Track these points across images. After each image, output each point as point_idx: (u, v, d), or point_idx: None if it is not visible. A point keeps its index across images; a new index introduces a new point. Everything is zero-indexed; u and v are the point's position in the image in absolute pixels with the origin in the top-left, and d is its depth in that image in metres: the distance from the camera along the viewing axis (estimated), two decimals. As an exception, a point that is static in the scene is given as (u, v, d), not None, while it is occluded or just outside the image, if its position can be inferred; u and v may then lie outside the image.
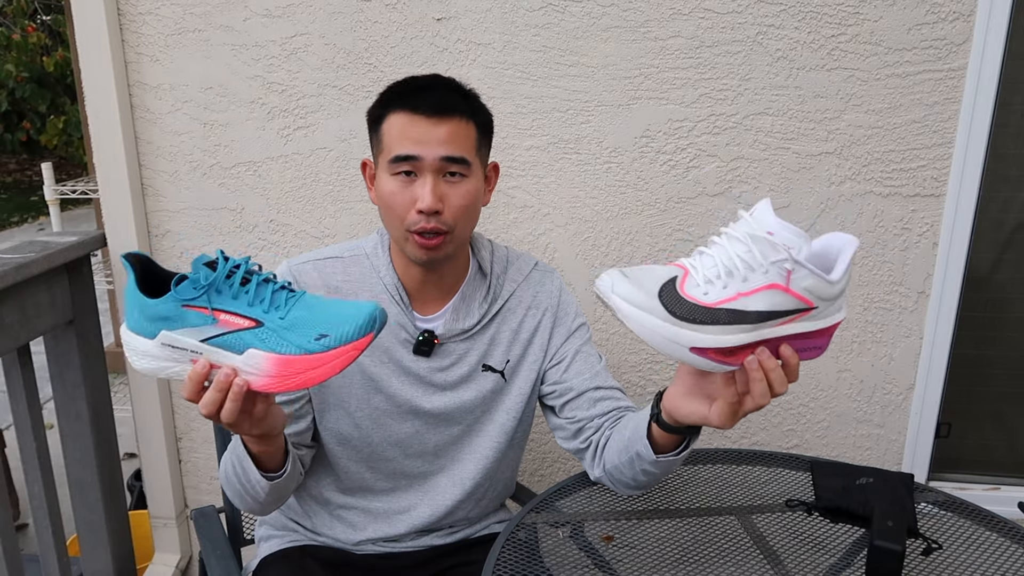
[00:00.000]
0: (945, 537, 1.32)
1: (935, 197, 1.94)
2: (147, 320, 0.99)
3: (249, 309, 0.99)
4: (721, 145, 1.94)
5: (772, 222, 0.97)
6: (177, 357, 1.00)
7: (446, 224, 1.29)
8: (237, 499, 1.30)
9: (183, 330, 0.98)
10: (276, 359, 0.98)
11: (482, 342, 1.43)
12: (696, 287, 0.97)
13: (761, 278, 0.96)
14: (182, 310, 0.98)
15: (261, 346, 0.98)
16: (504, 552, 1.25)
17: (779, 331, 1.00)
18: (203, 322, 0.98)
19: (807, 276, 0.97)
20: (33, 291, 1.84)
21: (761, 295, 0.96)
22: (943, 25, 1.84)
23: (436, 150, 1.27)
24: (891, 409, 2.10)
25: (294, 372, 0.98)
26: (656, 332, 0.95)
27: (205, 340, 0.99)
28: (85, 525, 2.15)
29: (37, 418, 1.90)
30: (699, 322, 0.96)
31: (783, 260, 0.96)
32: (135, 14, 1.96)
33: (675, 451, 1.25)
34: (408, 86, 1.33)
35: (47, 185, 3.09)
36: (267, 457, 1.21)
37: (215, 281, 0.98)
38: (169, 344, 0.99)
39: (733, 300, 0.96)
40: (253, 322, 0.98)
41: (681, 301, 0.96)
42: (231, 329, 0.98)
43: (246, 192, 2.07)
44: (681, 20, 1.87)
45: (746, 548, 1.28)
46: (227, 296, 0.99)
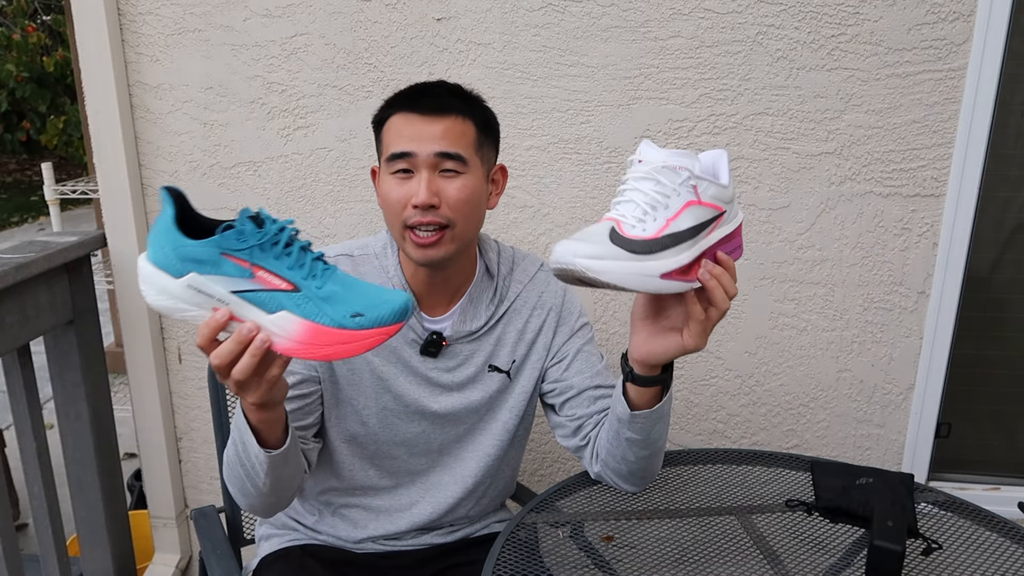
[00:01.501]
0: (945, 537, 1.32)
1: (935, 197, 1.94)
2: (178, 259, 0.96)
3: (289, 272, 0.98)
4: (721, 145, 1.94)
5: (662, 155, 1.09)
6: (199, 302, 0.98)
7: (444, 218, 1.29)
8: (240, 489, 1.26)
9: (215, 277, 0.96)
10: (309, 326, 0.97)
11: (488, 343, 1.44)
12: (632, 228, 1.06)
13: (678, 200, 1.07)
14: (220, 258, 0.96)
15: (295, 311, 0.97)
16: (504, 552, 1.25)
17: (710, 240, 1.11)
18: (239, 274, 0.96)
19: (709, 186, 1.09)
20: (33, 291, 1.84)
21: (685, 213, 1.07)
22: (943, 25, 1.84)
23: (430, 146, 1.28)
24: (891, 409, 2.10)
25: (324, 343, 0.98)
26: (629, 273, 1.03)
27: (236, 292, 0.97)
28: (85, 525, 2.15)
29: (37, 418, 1.90)
30: (653, 251, 1.05)
31: (687, 178, 1.08)
32: (135, 14, 1.97)
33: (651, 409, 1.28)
34: (409, 91, 1.35)
35: (47, 185, 3.08)
36: (267, 428, 1.17)
37: (262, 239, 0.96)
38: (196, 288, 0.97)
39: (667, 226, 1.06)
40: (291, 286, 0.97)
41: (630, 241, 1.04)
42: (266, 287, 0.97)
43: (246, 192, 2.07)
44: (681, 20, 1.87)
45: (746, 548, 1.28)
46: (269, 255, 0.97)
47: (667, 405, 1.29)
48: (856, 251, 1.98)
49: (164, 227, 0.97)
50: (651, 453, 1.34)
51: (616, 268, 1.02)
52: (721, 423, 2.14)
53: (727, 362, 2.09)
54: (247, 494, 1.26)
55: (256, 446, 1.18)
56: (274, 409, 1.15)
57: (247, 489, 1.25)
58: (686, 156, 1.09)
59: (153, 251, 0.98)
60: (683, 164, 1.08)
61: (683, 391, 2.12)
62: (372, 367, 1.39)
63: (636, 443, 1.31)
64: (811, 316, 2.04)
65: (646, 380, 1.25)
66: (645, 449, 1.32)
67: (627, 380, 1.27)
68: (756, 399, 2.11)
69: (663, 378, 1.25)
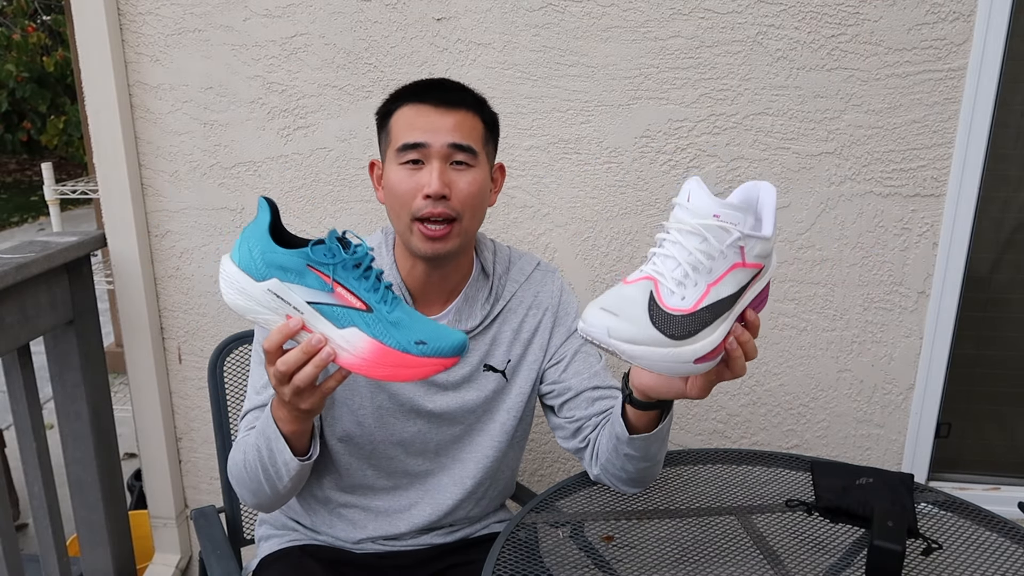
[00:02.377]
0: (945, 537, 1.32)
1: (935, 197, 1.94)
2: (265, 263, 1.02)
3: (365, 293, 1.04)
4: (721, 145, 1.94)
5: (713, 205, 0.98)
6: (275, 308, 1.04)
7: (454, 210, 1.29)
8: (250, 491, 1.30)
9: (296, 286, 1.03)
10: (376, 346, 1.03)
11: (484, 342, 1.43)
12: (671, 295, 0.98)
13: (723, 264, 0.98)
14: (305, 268, 1.02)
15: (366, 329, 1.03)
16: (504, 552, 1.25)
17: (743, 303, 1.04)
18: (321, 287, 1.03)
19: (756, 243, 1.00)
20: (33, 291, 1.84)
21: (728, 278, 0.99)
22: (943, 25, 1.84)
23: (444, 137, 1.28)
24: (891, 409, 2.09)
25: (387, 363, 1.04)
26: (663, 361, 0.96)
27: (312, 303, 1.03)
28: (85, 525, 2.15)
29: (37, 418, 1.90)
30: (691, 333, 0.97)
31: (737, 239, 0.98)
32: (135, 14, 1.96)
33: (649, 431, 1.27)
34: (417, 85, 1.35)
35: (47, 185, 3.08)
36: (297, 438, 1.22)
37: (346, 259, 1.03)
38: (276, 293, 1.03)
39: (707, 295, 0.98)
40: (365, 306, 1.04)
41: (668, 317, 0.97)
42: (342, 304, 1.03)
43: (246, 192, 2.06)
44: (681, 20, 1.87)
45: (746, 548, 1.28)
46: (351, 274, 1.03)
47: (666, 427, 1.28)
48: (856, 251, 1.98)
49: (258, 232, 1.04)
50: (650, 464, 1.34)
51: (652, 356, 0.96)
52: (721, 423, 2.14)
53: (727, 362, 2.07)
54: (259, 495, 1.30)
55: (288, 453, 1.21)
56: (310, 420, 1.20)
57: (262, 491, 1.28)
58: (739, 209, 0.99)
59: (240, 253, 1.04)
60: (735, 221, 0.98)
61: (683, 391, 2.11)
62: None
63: (635, 458, 1.31)
64: (811, 316, 2.04)
65: (646, 405, 1.24)
66: (644, 463, 1.33)
67: (626, 402, 1.26)
68: (756, 399, 2.11)
69: (662, 404, 1.25)
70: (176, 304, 2.16)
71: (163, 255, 2.12)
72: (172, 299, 2.15)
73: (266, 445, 1.22)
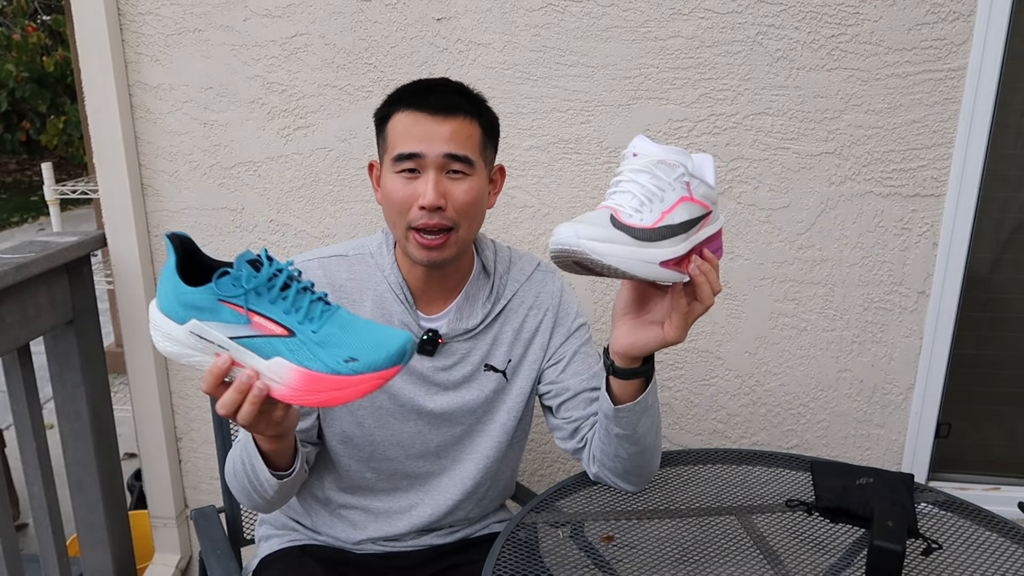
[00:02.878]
0: (945, 537, 1.32)
1: (935, 197, 1.94)
2: (180, 305, 0.98)
3: (284, 317, 0.98)
4: (721, 145, 1.94)
5: (658, 149, 1.13)
6: (202, 348, 0.99)
7: (450, 220, 1.29)
8: (243, 496, 1.31)
9: (214, 323, 0.97)
10: (302, 373, 0.97)
11: (485, 342, 1.43)
12: (630, 216, 1.09)
13: (672, 195, 1.11)
14: (218, 303, 0.97)
15: (289, 357, 0.97)
16: (504, 552, 1.24)
17: (699, 236, 1.15)
18: (236, 320, 0.97)
19: (700, 184, 1.14)
20: (33, 291, 1.84)
21: (679, 208, 1.11)
22: (943, 25, 1.84)
23: (439, 147, 1.27)
24: (891, 409, 2.09)
25: (317, 389, 0.97)
26: (631, 258, 1.06)
27: (234, 338, 0.98)
28: (85, 525, 2.14)
29: (37, 418, 1.90)
30: (653, 239, 1.09)
31: (681, 174, 1.12)
32: (135, 14, 1.96)
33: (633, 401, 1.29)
34: (415, 87, 1.34)
35: (47, 185, 3.08)
36: (277, 455, 1.21)
37: (257, 283, 0.97)
38: (197, 334, 0.98)
39: (662, 218, 1.10)
40: (286, 331, 0.97)
41: (631, 228, 1.08)
42: (262, 333, 0.97)
43: (246, 192, 2.06)
44: (681, 20, 1.87)
45: (746, 548, 1.28)
46: (265, 299, 0.98)
47: (651, 396, 1.29)
48: (856, 251, 1.98)
49: (167, 274, 0.98)
50: (641, 449, 1.34)
51: (619, 252, 1.05)
52: (721, 423, 2.14)
53: (727, 362, 2.09)
54: (252, 501, 1.30)
55: (266, 471, 1.21)
56: (285, 439, 1.17)
57: (253, 498, 1.29)
58: (680, 153, 1.13)
59: (159, 298, 1.00)
60: (678, 160, 1.13)
61: (683, 391, 2.12)
62: None
63: (624, 438, 1.31)
64: (811, 316, 2.03)
65: (627, 372, 1.26)
66: (635, 445, 1.33)
67: (609, 373, 1.28)
68: (756, 399, 2.11)
69: (644, 370, 1.27)
70: None
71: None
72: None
73: (248, 460, 1.23)
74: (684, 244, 1.12)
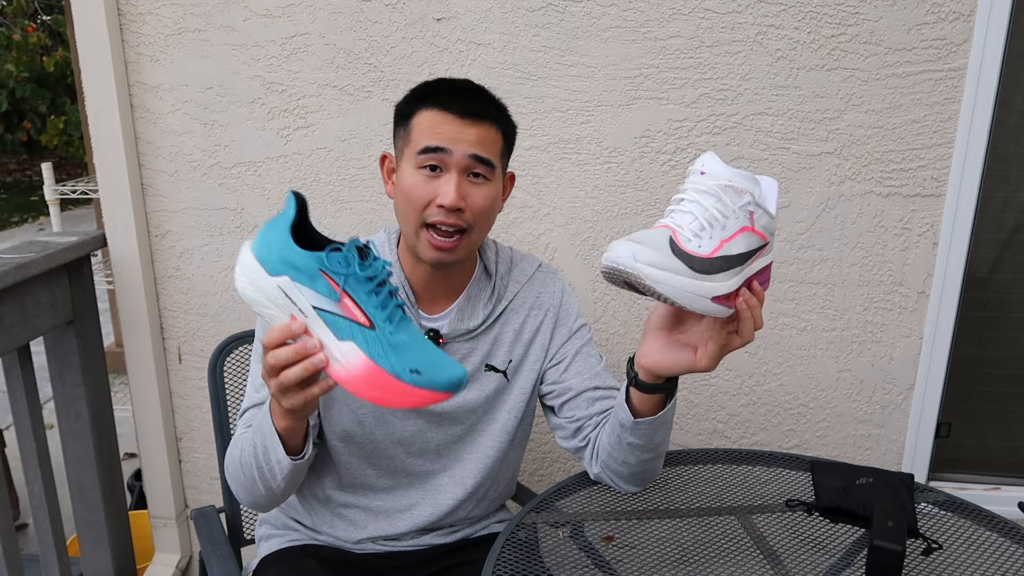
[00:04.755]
0: (945, 537, 1.32)
1: (935, 197, 1.93)
2: (280, 260, 1.01)
3: (372, 309, 1.01)
4: (721, 145, 1.93)
5: (728, 172, 1.08)
6: (282, 305, 1.02)
7: (466, 222, 1.29)
8: (245, 489, 1.29)
9: (305, 289, 1.00)
10: (370, 365, 1.00)
11: (486, 342, 1.43)
12: (689, 242, 1.05)
13: (735, 223, 1.07)
14: (317, 273, 1.00)
15: (363, 346, 1.00)
16: (504, 552, 1.24)
17: (752, 268, 1.11)
18: (329, 294, 1.00)
19: (763, 215, 1.10)
20: (33, 291, 1.84)
21: (738, 238, 1.07)
22: (943, 25, 1.83)
23: (466, 148, 1.28)
24: (891, 409, 2.09)
25: (376, 385, 1.00)
26: (685, 289, 1.03)
27: (318, 309, 1.01)
28: (85, 525, 2.14)
29: (37, 418, 1.90)
30: (709, 272, 1.05)
31: (747, 203, 1.08)
32: (135, 14, 1.96)
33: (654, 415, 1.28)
34: (442, 86, 1.34)
35: (47, 185, 3.08)
36: (291, 436, 1.20)
37: (358, 271, 1.00)
38: (285, 291, 1.01)
39: (721, 247, 1.06)
40: (368, 322, 1.00)
41: (689, 256, 1.04)
42: (346, 315, 1.00)
43: (246, 192, 2.06)
44: (681, 20, 1.87)
45: (746, 548, 1.28)
46: (362, 287, 1.01)
47: (671, 412, 1.29)
48: (856, 251, 1.98)
49: (280, 227, 1.02)
50: (653, 456, 1.35)
51: (675, 282, 1.02)
52: (721, 423, 2.14)
53: (727, 362, 2.08)
54: (254, 493, 1.28)
55: (281, 451, 1.21)
56: (302, 419, 1.18)
57: (256, 489, 1.27)
58: (749, 179, 1.09)
59: (259, 244, 1.02)
60: (747, 187, 1.08)
61: (683, 391, 2.12)
62: None
63: (638, 448, 1.31)
64: (811, 316, 2.03)
65: (651, 387, 1.25)
66: (647, 453, 1.33)
67: (631, 385, 1.27)
68: (756, 399, 2.11)
69: (668, 386, 1.26)
70: (176, 304, 2.15)
71: (163, 255, 2.12)
72: (172, 299, 2.15)
73: (261, 441, 1.22)
74: (737, 278, 1.08)
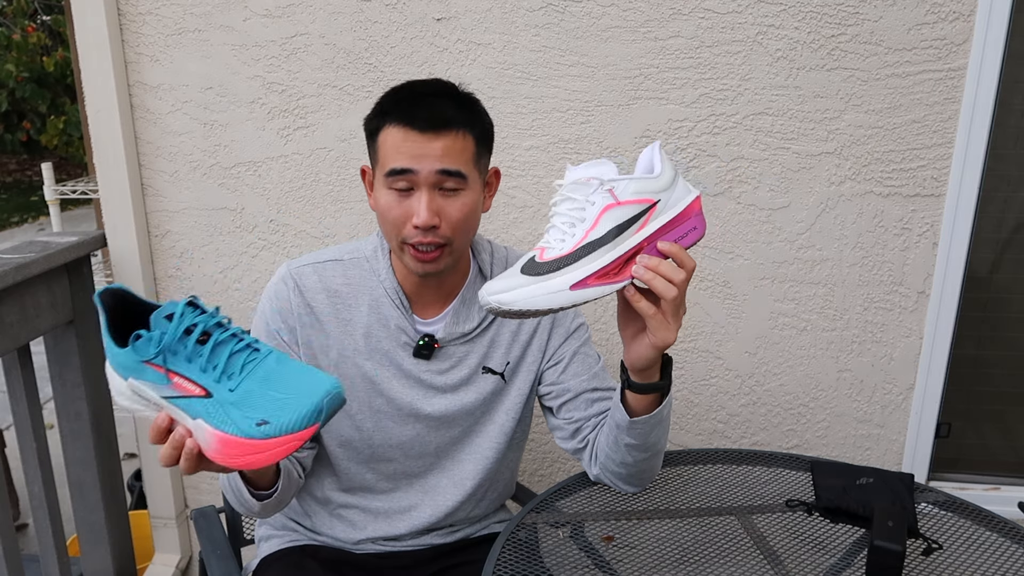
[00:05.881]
0: (945, 537, 1.32)
1: (935, 197, 1.93)
2: (116, 364, 0.96)
3: (201, 375, 0.93)
4: (721, 145, 1.93)
5: (572, 172, 1.10)
6: (145, 404, 0.97)
7: (444, 237, 1.28)
8: (236, 503, 1.30)
9: (145, 383, 0.95)
10: (219, 436, 0.92)
11: (482, 344, 1.43)
12: (553, 250, 1.08)
13: (593, 210, 1.07)
14: (142, 364, 0.94)
15: (207, 419, 0.93)
16: (504, 552, 1.24)
17: (642, 234, 1.10)
18: (159, 380, 0.94)
19: (628, 183, 1.08)
20: (33, 291, 1.84)
21: (602, 220, 1.07)
22: (943, 25, 1.83)
23: (431, 164, 1.24)
24: (891, 409, 2.09)
25: (235, 453, 0.92)
26: (536, 296, 1.05)
27: (165, 397, 0.95)
28: (85, 525, 2.14)
29: (37, 418, 1.90)
30: (563, 267, 1.06)
31: (596, 187, 1.08)
32: (135, 14, 1.96)
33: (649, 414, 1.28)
34: (403, 96, 1.30)
35: (47, 185, 3.08)
36: (256, 477, 1.21)
37: (169, 342, 0.93)
38: (136, 391, 0.96)
39: (585, 238, 1.07)
40: (203, 391, 0.93)
41: (542, 264, 1.07)
42: (184, 394, 0.94)
43: (246, 192, 2.06)
44: (681, 20, 1.87)
45: (746, 548, 1.28)
46: (182, 357, 0.93)
47: (665, 410, 1.29)
48: (856, 251, 1.98)
49: (104, 334, 0.96)
50: (650, 456, 1.34)
51: (524, 294, 1.05)
52: (721, 423, 2.14)
53: (727, 362, 2.08)
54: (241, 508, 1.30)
55: (248, 495, 1.23)
56: None
57: (243, 509, 1.30)
58: (596, 164, 1.10)
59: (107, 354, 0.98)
60: (591, 174, 1.09)
61: (683, 391, 2.12)
62: (363, 371, 1.38)
63: (635, 448, 1.31)
64: (811, 316, 2.03)
65: (643, 387, 1.25)
66: (644, 452, 1.32)
67: (625, 388, 1.27)
68: (756, 399, 2.11)
69: (660, 385, 1.26)
70: None
71: (163, 255, 2.12)
72: (172, 299, 2.12)
73: (232, 480, 1.23)
74: (610, 254, 1.08)
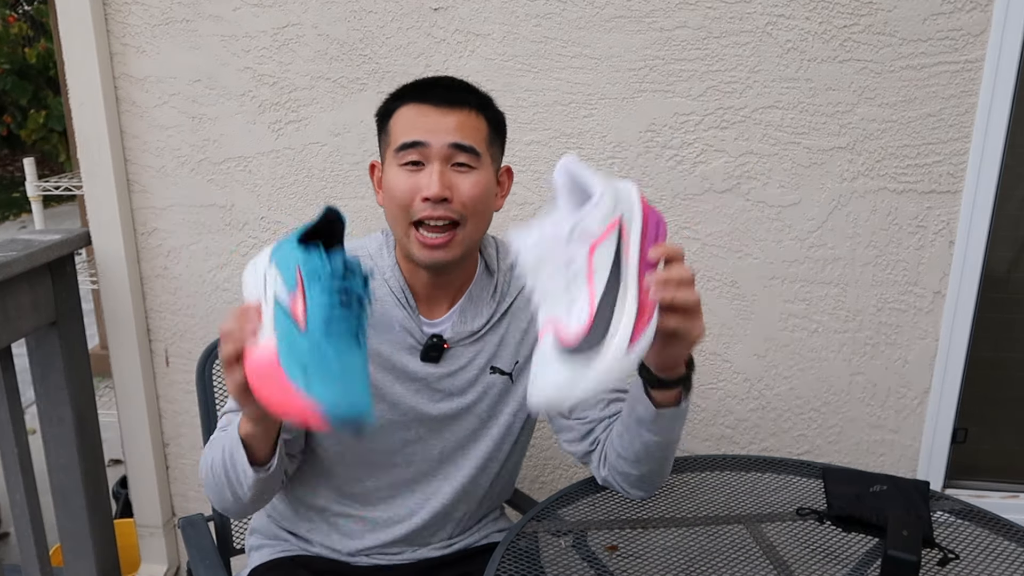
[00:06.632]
0: (962, 547, 1.31)
1: (951, 194, 1.91)
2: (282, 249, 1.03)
3: (315, 313, 0.94)
4: (729, 140, 1.91)
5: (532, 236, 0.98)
6: (258, 291, 1.02)
7: (456, 213, 1.26)
8: (217, 492, 1.27)
9: (280, 275, 0.99)
10: (270, 354, 0.94)
11: (491, 343, 1.41)
12: (569, 326, 0.94)
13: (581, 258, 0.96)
14: (293, 265, 0.98)
15: (280, 339, 0.94)
16: (504, 562, 1.23)
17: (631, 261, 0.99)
18: (290, 286, 0.97)
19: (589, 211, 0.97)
20: (15, 291, 1.83)
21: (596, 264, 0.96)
22: (959, 15, 1.81)
23: (445, 137, 1.25)
24: (906, 414, 2.07)
25: (265, 374, 0.93)
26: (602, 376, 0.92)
27: (276, 300, 0.98)
28: (68, 534, 2.13)
29: (19, 423, 1.89)
30: (598, 339, 0.93)
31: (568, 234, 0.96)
32: (121, 3, 1.96)
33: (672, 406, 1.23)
34: (419, 82, 1.33)
35: (29, 181, 3.07)
36: (256, 443, 1.18)
37: (327, 276, 0.96)
38: (266, 277, 1.02)
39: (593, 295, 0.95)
40: (304, 325, 0.94)
41: (582, 342, 0.93)
42: (290, 311, 0.96)
43: (236, 188, 2.05)
44: (688, 10, 1.85)
45: (755, 558, 1.27)
46: (319, 291, 0.95)
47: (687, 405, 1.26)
48: (869, 250, 1.96)
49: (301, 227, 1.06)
50: (666, 456, 1.31)
51: (591, 384, 0.92)
52: (729, 428, 2.12)
53: (735, 365, 2.06)
54: (223, 498, 1.28)
55: (245, 462, 1.19)
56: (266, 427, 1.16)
57: (225, 495, 1.26)
58: (551, 216, 0.99)
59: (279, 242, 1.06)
60: (556, 230, 0.97)
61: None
62: None
63: (654, 445, 1.27)
64: (823, 317, 2.01)
65: (670, 383, 1.20)
66: (662, 451, 1.29)
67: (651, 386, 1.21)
68: (765, 403, 2.09)
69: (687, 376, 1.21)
70: (163, 305, 2.15)
71: (150, 254, 2.11)
72: (159, 300, 2.14)
73: (230, 446, 1.21)
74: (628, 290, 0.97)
